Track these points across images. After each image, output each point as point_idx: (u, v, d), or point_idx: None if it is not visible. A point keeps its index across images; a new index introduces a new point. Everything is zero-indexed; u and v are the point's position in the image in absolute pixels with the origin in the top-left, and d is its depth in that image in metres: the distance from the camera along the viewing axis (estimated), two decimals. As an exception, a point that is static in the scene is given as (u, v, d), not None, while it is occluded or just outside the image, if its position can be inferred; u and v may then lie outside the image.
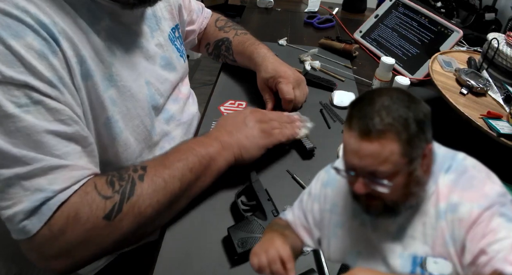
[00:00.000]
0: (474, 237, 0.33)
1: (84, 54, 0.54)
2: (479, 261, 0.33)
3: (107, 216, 0.51)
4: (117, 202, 0.52)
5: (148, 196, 0.55)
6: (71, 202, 0.50)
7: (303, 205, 0.46)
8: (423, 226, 0.37)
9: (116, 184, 0.54)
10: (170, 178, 0.58)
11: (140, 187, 0.55)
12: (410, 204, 0.37)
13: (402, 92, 0.35)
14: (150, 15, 0.71)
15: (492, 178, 0.37)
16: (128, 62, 0.64)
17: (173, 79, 0.77)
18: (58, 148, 0.50)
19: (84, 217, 0.50)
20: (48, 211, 0.48)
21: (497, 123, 0.74)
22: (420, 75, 1.09)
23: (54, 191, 0.49)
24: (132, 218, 0.54)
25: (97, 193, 0.51)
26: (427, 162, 0.36)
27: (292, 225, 0.47)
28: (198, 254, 0.61)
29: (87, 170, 0.53)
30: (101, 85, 0.57)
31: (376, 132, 0.33)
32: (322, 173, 0.46)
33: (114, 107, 0.60)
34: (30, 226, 0.48)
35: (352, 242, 0.41)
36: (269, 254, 0.41)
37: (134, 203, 0.54)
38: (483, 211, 0.34)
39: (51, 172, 0.49)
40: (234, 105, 0.96)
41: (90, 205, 0.50)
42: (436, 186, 0.37)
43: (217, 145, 0.65)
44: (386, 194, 0.35)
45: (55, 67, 0.50)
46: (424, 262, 0.36)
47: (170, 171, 0.58)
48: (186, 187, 0.60)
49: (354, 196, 0.39)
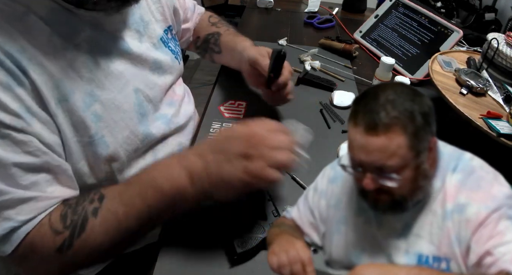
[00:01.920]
0: (480, 238, 0.33)
1: (58, 77, 0.54)
2: (484, 262, 0.33)
3: (59, 249, 0.53)
4: (67, 238, 0.53)
5: (99, 233, 0.54)
6: (29, 231, 0.52)
7: (309, 201, 0.46)
8: (430, 225, 0.37)
9: (68, 219, 0.54)
10: (125, 217, 0.55)
11: (92, 223, 0.54)
12: (418, 198, 0.37)
13: (405, 86, 0.36)
14: (137, 19, 0.70)
15: (499, 179, 0.37)
16: (113, 71, 0.62)
17: (164, 83, 0.75)
18: (25, 179, 0.51)
19: (38, 248, 0.53)
20: (17, 239, 0.51)
21: (497, 123, 0.74)
22: (420, 75, 1.09)
23: (21, 221, 0.51)
24: (85, 252, 0.55)
25: (49, 227, 0.53)
26: (433, 155, 0.36)
27: (298, 222, 0.47)
28: (198, 254, 0.61)
29: (54, 198, 0.55)
30: (82, 104, 0.57)
31: (383, 126, 0.33)
32: (328, 169, 0.46)
33: (99, 123, 0.59)
34: (4, 249, 0.52)
35: (356, 239, 0.41)
36: (290, 254, 0.40)
37: (85, 239, 0.54)
38: (490, 213, 0.34)
39: (17, 203, 0.51)
40: (234, 105, 0.96)
41: (42, 238, 0.52)
42: (443, 185, 0.37)
43: (185, 179, 0.55)
44: (394, 188, 0.35)
45: (21, 98, 0.50)
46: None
47: (127, 208, 0.55)
48: (146, 222, 0.57)
49: (361, 193, 0.38)
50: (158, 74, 0.74)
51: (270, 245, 0.45)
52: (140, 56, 0.68)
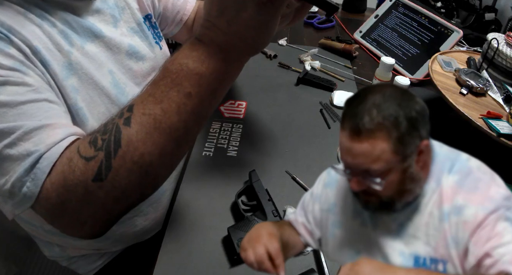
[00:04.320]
0: (479, 240, 0.33)
1: (37, 45, 0.54)
2: (484, 264, 0.33)
3: (97, 177, 0.46)
4: (102, 160, 0.46)
5: (139, 142, 0.46)
6: (58, 171, 0.48)
7: (305, 206, 0.47)
8: (426, 227, 0.37)
9: (98, 140, 0.47)
10: (164, 114, 0.47)
11: (127, 134, 0.46)
12: (406, 200, 0.37)
13: (395, 89, 0.35)
14: (111, 5, 0.71)
15: (496, 180, 0.37)
16: (88, 51, 0.63)
17: (140, 69, 0.74)
18: (36, 112, 0.49)
19: (72, 185, 0.47)
20: (41, 174, 0.47)
21: (497, 123, 0.74)
22: (420, 75, 1.09)
23: (40, 151, 0.47)
24: (127, 171, 0.47)
25: (79, 156, 0.47)
26: (424, 158, 0.36)
27: (293, 224, 0.47)
28: (198, 254, 0.61)
29: (70, 127, 0.53)
30: (60, 74, 0.57)
31: (366, 132, 0.33)
32: (324, 174, 0.47)
33: (76, 95, 0.60)
34: (29, 192, 0.47)
35: (351, 242, 0.41)
36: (257, 252, 0.40)
37: (124, 154, 0.46)
38: (488, 215, 0.34)
39: (33, 134, 0.48)
40: (234, 105, 0.96)
41: (74, 171, 0.47)
42: (439, 186, 0.37)
43: (218, 53, 0.47)
44: (381, 191, 0.35)
45: (12, 55, 0.50)
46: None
47: (164, 104, 0.47)
48: (189, 116, 0.48)
49: (354, 193, 0.39)
50: (136, 59, 0.73)
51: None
52: (113, 40, 0.68)
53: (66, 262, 0.83)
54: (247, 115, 0.92)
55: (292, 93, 1.01)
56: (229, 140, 0.86)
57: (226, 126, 0.89)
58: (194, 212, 0.67)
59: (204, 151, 0.82)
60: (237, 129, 0.88)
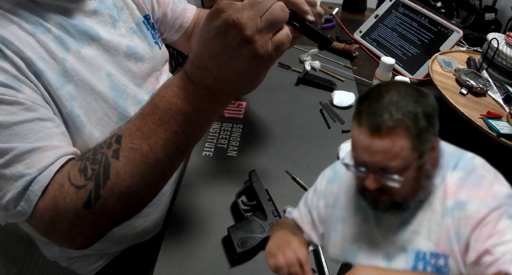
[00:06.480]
0: (480, 236, 0.33)
1: (30, 56, 0.54)
2: (483, 261, 0.33)
3: (87, 204, 0.50)
4: (92, 190, 0.50)
5: (126, 175, 0.50)
6: (50, 195, 0.50)
7: (308, 202, 0.47)
8: (429, 222, 0.37)
9: (88, 170, 0.50)
10: (150, 150, 0.50)
11: (115, 166, 0.49)
12: (420, 198, 0.37)
13: (409, 87, 0.35)
14: (110, 5, 0.70)
15: (500, 178, 0.37)
16: (85, 56, 0.63)
17: (139, 70, 0.74)
18: (28, 133, 0.51)
19: (63, 210, 0.50)
20: (34, 196, 0.50)
21: (497, 123, 0.74)
22: (420, 75, 1.09)
23: (32, 175, 0.50)
24: (115, 200, 0.50)
25: (70, 184, 0.50)
26: (435, 154, 0.36)
27: (298, 222, 0.47)
28: (198, 254, 0.61)
29: (61, 148, 0.53)
30: (55, 83, 0.57)
31: (387, 129, 0.33)
32: (327, 170, 0.47)
33: (73, 102, 0.60)
34: (23, 210, 0.50)
35: (353, 238, 0.41)
36: (287, 256, 0.41)
37: (112, 186, 0.50)
38: (491, 211, 0.34)
39: (25, 156, 0.50)
40: (234, 105, 0.96)
41: (65, 198, 0.50)
42: (443, 182, 0.37)
43: (204, 93, 0.49)
44: (396, 189, 0.35)
45: (6, 70, 0.51)
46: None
47: (150, 141, 0.49)
48: (174, 151, 0.51)
49: (360, 192, 0.39)
50: (135, 60, 0.73)
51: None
52: (110, 42, 0.67)
53: (66, 263, 0.83)
54: (247, 115, 0.92)
55: (292, 93, 1.01)
56: (229, 140, 0.86)
57: (226, 127, 0.89)
58: (194, 212, 0.67)
59: (204, 151, 0.82)
60: (237, 129, 0.88)
